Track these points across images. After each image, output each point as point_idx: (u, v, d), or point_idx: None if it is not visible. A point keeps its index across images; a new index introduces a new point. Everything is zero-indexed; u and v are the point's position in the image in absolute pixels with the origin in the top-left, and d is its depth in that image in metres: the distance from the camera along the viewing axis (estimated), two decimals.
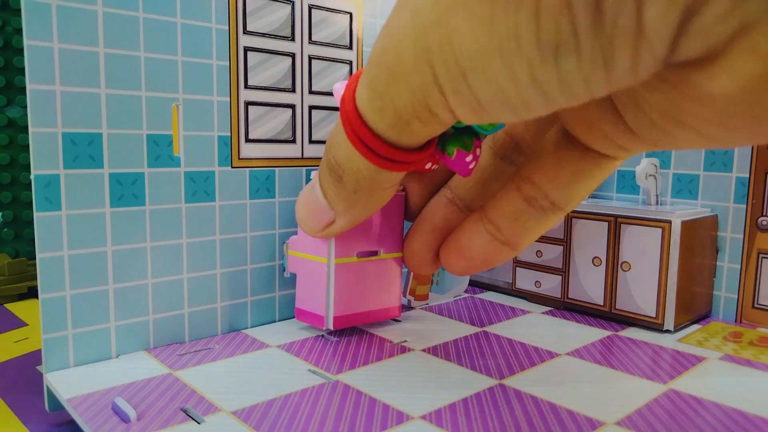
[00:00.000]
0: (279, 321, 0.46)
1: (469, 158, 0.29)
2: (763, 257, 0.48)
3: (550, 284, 0.51)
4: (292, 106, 0.45)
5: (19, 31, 0.68)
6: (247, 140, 0.43)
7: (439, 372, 0.35)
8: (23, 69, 0.68)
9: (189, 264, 0.40)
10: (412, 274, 0.50)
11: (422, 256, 0.38)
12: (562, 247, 0.50)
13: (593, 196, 0.58)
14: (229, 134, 0.42)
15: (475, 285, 0.60)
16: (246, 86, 0.42)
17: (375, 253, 0.45)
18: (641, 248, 0.45)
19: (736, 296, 0.49)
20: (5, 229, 0.68)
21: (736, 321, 0.49)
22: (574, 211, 0.50)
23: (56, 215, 0.34)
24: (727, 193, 0.50)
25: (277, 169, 0.45)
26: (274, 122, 0.44)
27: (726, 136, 0.17)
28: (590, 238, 0.49)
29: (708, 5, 0.14)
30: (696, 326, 0.47)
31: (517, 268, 0.54)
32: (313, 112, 0.47)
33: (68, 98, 0.34)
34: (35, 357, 0.44)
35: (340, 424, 0.29)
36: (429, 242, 0.37)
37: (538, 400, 0.32)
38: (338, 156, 0.25)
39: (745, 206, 0.48)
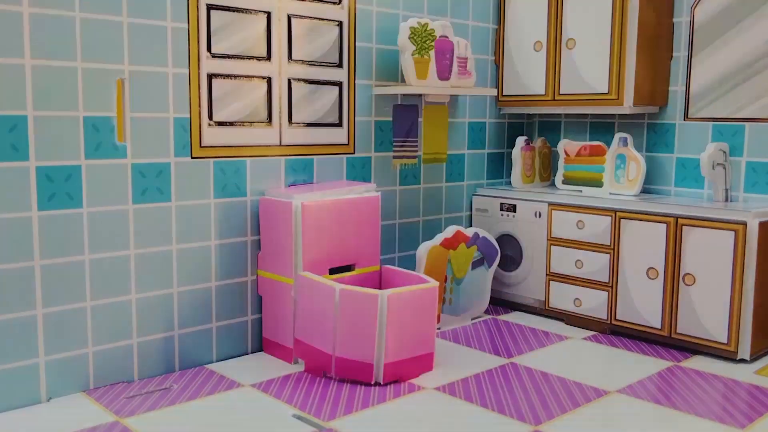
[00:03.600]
0: (252, 353, 0.46)
1: None
2: None
3: (594, 302, 0.52)
4: (268, 79, 0.45)
5: None
6: (211, 123, 0.43)
7: (457, 416, 0.35)
8: None
9: (138, 282, 0.40)
10: None
11: None
12: (608, 255, 0.50)
13: (646, 191, 0.58)
14: (188, 116, 0.41)
15: (498, 304, 0.60)
16: (210, 54, 0.42)
17: (349, 269, 0.45)
18: (708, 257, 0.45)
19: None
20: None
21: None
22: (622, 210, 0.50)
23: None
24: None
25: (248, 159, 0.45)
26: (246, 100, 0.44)
27: None
28: (644, 244, 0.50)
29: None
30: None
31: (550, 282, 0.54)
32: (294, 85, 0.47)
33: None
34: None
35: None
36: None
37: None
38: None
39: None
